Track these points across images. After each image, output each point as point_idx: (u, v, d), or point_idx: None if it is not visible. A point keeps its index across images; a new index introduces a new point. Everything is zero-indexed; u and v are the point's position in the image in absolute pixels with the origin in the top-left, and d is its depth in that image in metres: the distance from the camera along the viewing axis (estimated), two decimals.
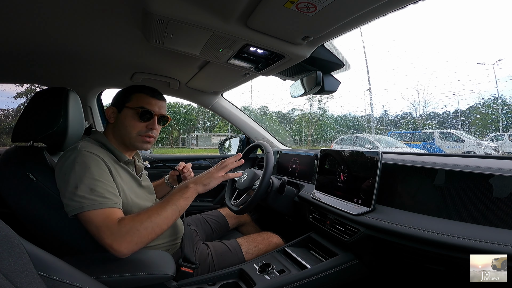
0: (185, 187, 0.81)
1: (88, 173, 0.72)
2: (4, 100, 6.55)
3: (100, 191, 0.71)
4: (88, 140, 0.85)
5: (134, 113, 0.87)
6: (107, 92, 1.67)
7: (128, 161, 0.89)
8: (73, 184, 0.70)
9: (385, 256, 0.79)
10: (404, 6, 0.64)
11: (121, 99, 0.89)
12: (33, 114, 0.83)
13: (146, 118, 0.87)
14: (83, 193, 0.70)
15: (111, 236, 0.67)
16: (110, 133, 0.90)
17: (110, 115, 0.89)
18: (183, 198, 0.79)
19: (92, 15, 0.82)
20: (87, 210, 0.69)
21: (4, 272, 0.34)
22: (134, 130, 0.87)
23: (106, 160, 0.79)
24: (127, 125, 0.87)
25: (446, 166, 0.71)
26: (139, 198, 0.87)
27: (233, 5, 0.68)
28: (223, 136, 12.36)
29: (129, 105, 0.87)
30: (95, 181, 0.72)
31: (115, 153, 0.86)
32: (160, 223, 0.73)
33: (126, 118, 0.87)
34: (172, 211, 0.76)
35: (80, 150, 0.76)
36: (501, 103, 6.38)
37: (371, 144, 5.72)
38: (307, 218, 1.07)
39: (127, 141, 0.88)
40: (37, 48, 1.04)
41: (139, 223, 0.70)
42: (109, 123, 0.90)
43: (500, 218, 0.57)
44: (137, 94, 0.89)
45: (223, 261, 0.94)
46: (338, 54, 1.00)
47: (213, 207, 1.60)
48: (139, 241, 0.69)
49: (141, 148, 0.91)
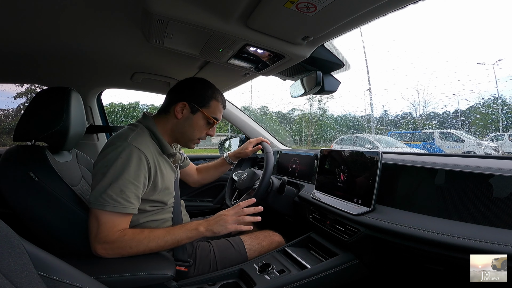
0: (195, 229, 0.79)
1: (126, 173, 0.73)
2: (4, 100, 6.55)
3: (129, 195, 0.73)
4: (140, 127, 0.84)
5: (207, 121, 0.89)
6: (107, 92, 1.67)
7: (172, 154, 0.89)
8: (108, 180, 0.72)
9: (385, 256, 0.79)
10: (404, 6, 0.64)
11: (199, 100, 0.88)
12: (35, 113, 0.84)
13: (211, 126, 0.91)
14: (112, 193, 0.71)
15: (102, 243, 0.71)
16: (166, 124, 0.88)
17: (180, 110, 0.87)
18: (186, 237, 0.79)
19: (92, 15, 0.82)
20: (108, 210, 0.71)
21: (4, 272, 0.34)
22: (198, 134, 0.89)
23: (149, 157, 0.79)
24: (195, 129, 0.88)
25: (446, 166, 0.71)
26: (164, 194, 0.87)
27: (233, 5, 0.68)
28: (223, 136, 12.31)
29: (205, 111, 0.88)
30: (128, 183, 0.73)
31: (162, 144, 0.86)
32: (153, 249, 0.76)
33: (198, 122, 0.88)
34: (170, 244, 0.77)
35: (129, 143, 0.76)
36: (501, 103, 6.38)
37: (371, 144, 5.72)
38: (307, 218, 1.07)
39: (183, 140, 0.90)
40: (37, 48, 1.04)
41: (136, 243, 0.73)
42: (170, 116, 0.88)
43: (500, 218, 0.57)
44: (214, 102, 0.90)
45: (226, 257, 0.93)
46: (338, 54, 1.00)
47: (213, 207, 1.60)
48: (123, 255, 0.73)
49: (189, 147, 0.93)
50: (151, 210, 0.85)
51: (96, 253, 0.72)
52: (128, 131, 0.81)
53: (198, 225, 0.80)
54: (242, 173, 1.25)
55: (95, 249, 0.71)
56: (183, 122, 0.87)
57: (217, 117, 0.91)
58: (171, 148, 0.88)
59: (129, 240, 0.73)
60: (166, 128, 0.88)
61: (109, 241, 0.71)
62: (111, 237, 0.72)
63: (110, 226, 0.72)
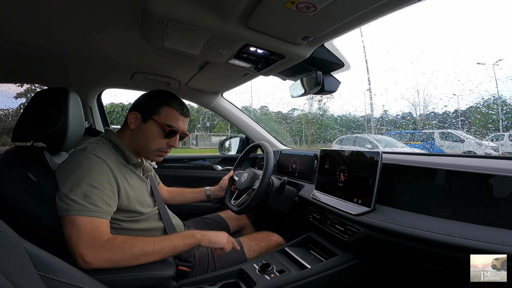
0: (191, 235, 0.78)
1: (88, 178, 0.71)
2: (4, 100, 6.54)
3: (94, 198, 0.70)
4: (100, 140, 0.83)
5: (160, 129, 0.83)
6: (107, 92, 1.67)
7: (138, 164, 0.88)
8: (69, 186, 0.70)
9: (385, 256, 0.79)
10: (404, 6, 0.64)
11: (149, 108, 0.84)
12: (33, 114, 0.83)
13: (170, 136, 0.85)
14: (75, 197, 0.68)
15: (90, 247, 0.65)
16: (126, 136, 0.86)
17: (132, 121, 0.85)
18: (184, 244, 0.76)
19: (92, 15, 0.82)
20: (73, 214, 0.67)
21: (4, 272, 0.34)
22: (155, 145, 0.84)
23: (112, 166, 0.77)
24: (149, 139, 0.84)
25: (446, 166, 0.71)
26: (141, 204, 0.86)
27: (233, 5, 0.68)
28: (223, 136, 12.34)
29: (156, 119, 0.83)
30: (92, 188, 0.71)
31: (126, 154, 0.85)
32: (149, 254, 0.70)
33: (150, 130, 0.83)
34: (167, 250, 0.73)
35: (88, 153, 0.75)
36: (501, 103, 6.38)
37: (371, 144, 5.72)
38: (307, 218, 1.07)
39: (143, 152, 0.86)
40: (37, 48, 1.04)
41: (129, 246, 0.68)
42: (128, 128, 0.86)
43: (500, 218, 0.57)
44: (167, 108, 0.84)
45: (224, 259, 0.93)
46: (338, 54, 1.00)
47: (213, 207, 1.60)
48: (117, 262, 0.67)
49: (153, 160, 0.90)
50: (127, 219, 0.82)
51: (83, 260, 0.64)
52: (87, 144, 0.80)
53: (195, 233, 0.80)
54: (242, 173, 1.25)
55: (81, 256, 0.64)
56: (137, 132, 0.85)
57: (171, 125, 0.83)
58: (136, 158, 0.87)
59: (121, 243, 0.68)
60: (127, 141, 0.86)
61: (96, 245, 0.65)
62: (97, 241, 0.66)
63: (89, 228, 0.67)
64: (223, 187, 1.26)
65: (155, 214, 0.91)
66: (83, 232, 0.66)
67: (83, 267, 0.64)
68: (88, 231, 0.67)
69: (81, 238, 0.66)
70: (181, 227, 1.01)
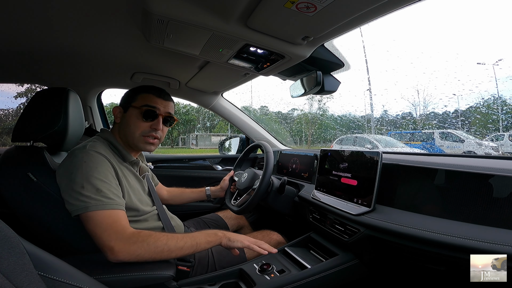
0: (213, 233, 0.80)
1: (96, 173, 0.72)
2: (4, 100, 6.55)
3: (106, 192, 0.72)
4: (97, 139, 0.85)
5: (138, 112, 0.86)
6: (107, 92, 1.67)
7: (134, 162, 0.89)
8: (79, 183, 0.71)
9: (385, 256, 0.79)
10: (404, 6, 0.64)
11: (128, 99, 0.89)
12: (33, 114, 0.83)
13: (150, 117, 0.87)
14: (89, 193, 0.70)
15: (116, 240, 0.67)
16: (117, 132, 0.90)
17: (117, 114, 0.90)
18: (206, 241, 0.77)
19: (92, 15, 0.82)
20: (92, 210, 0.69)
21: (4, 272, 0.34)
22: (137, 130, 0.86)
23: (112, 161, 0.79)
24: (131, 125, 0.86)
25: (446, 166, 0.71)
26: (141, 202, 0.87)
27: (233, 5, 0.68)
28: (223, 136, 12.36)
29: (134, 105, 0.87)
30: (101, 182, 0.72)
31: (122, 152, 0.86)
32: (172, 249, 0.71)
33: (131, 117, 0.87)
34: (189, 246, 0.74)
35: (88, 150, 0.76)
36: (501, 103, 6.37)
37: (371, 144, 5.71)
38: (307, 218, 1.07)
39: (131, 141, 0.88)
40: (37, 48, 1.04)
41: (154, 240, 0.70)
42: (116, 123, 0.90)
43: (500, 218, 0.57)
44: (143, 94, 0.88)
45: (224, 258, 0.93)
46: (338, 54, 1.00)
47: (213, 207, 1.60)
48: (141, 255, 0.69)
49: (144, 149, 0.90)
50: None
51: (112, 253, 0.66)
52: (85, 143, 0.81)
53: (217, 231, 0.81)
54: (242, 173, 1.25)
55: (111, 249, 0.66)
56: (122, 124, 0.88)
57: (148, 104, 0.86)
58: (132, 156, 0.89)
59: (146, 236, 0.70)
60: (118, 137, 0.89)
61: (122, 238, 0.68)
62: (123, 234, 0.68)
63: (110, 222, 0.69)
64: (224, 187, 1.26)
65: (154, 214, 0.91)
66: (106, 226, 0.68)
67: (110, 259, 0.67)
68: (110, 225, 0.69)
69: (106, 232, 0.68)
70: (181, 228, 1.01)
